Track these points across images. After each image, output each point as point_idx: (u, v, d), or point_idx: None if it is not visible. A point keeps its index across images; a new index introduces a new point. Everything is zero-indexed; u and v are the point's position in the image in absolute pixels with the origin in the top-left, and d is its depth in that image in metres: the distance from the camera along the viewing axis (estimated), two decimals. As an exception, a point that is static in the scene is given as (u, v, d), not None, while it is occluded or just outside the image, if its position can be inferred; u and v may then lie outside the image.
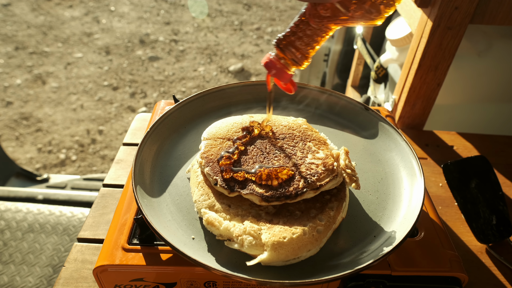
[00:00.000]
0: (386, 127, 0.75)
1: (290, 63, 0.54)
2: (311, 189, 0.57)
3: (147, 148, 0.69)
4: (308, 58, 0.54)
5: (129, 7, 4.17)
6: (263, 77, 3.33)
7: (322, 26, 0.50)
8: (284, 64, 0.55)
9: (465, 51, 1.13)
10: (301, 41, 0.52)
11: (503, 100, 1.22)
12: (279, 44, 0.54)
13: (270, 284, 0.49)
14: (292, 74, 0.56)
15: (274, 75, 0.56)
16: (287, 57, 0.54)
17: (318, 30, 0.51)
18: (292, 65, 0.55)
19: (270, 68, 0.55)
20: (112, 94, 3.04)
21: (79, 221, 1.20)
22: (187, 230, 0.58)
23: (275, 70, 0.55)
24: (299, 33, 0.52)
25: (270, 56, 0.55)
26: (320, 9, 0.48)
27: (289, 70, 0.55)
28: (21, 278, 1.06)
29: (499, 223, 0.77)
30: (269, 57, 0.55)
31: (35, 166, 2.44)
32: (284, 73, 0.55)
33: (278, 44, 0.54)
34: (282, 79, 0.56)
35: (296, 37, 0.52)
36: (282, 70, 0.55)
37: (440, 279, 0.58)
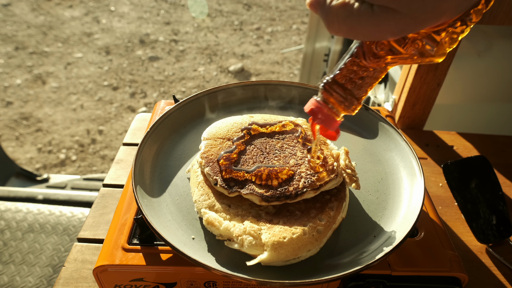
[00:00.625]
0: (386, 127, 0.75)
1: (340, 108, 0.48)
2: (311, 189, 0.57)
3: (147, 148, 0.69)
4: (360, 103, 0.48)
5: (129, 7, 4.17)
6: (263, 77, 3.33)
7: (377, 66, 0.44)
8: (333, 109, 0.48)
9: (465, 51, 1.13)
10: (353, 84, 0.46)
11: (503, 100, 1.23)
12: (328, 88, 0.47)
13: (270, 284, 0.49)
14: (340, 122, 0.50)
15: (321, 122, 0.49)
16: (337, 101, 0.47)
17: (372, 71, 0.45)
18: (342, 111, 0.48)
19: (317, 114, 0.49)
20: (112, 94, 3.04)
21: (79, 221, 1.20)
22: (187, 230, 0.58)
23: (323, 116, 0.49)
24: (350, 75, 0.46)
25: (315, 101, 0.49)
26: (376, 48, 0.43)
27: (338, 117, 0.49)
28: (21, 278, 1.06)
29: (499, 223, 0.77)
30: (315, 102, 0.49)
31: (35, 166, 2.44)
32: (332, 120, 0.49)
33: (326, 88, 0.47)
34: (329, 126, 0.49)
35: (347, 80, 0.46)
36: (330, 117, 0.49)
37: (440, 279, 0.58)
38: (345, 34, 0.38)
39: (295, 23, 4.15)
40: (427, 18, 0.35)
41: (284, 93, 0.83)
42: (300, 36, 3.95)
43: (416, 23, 0.35)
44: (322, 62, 2.17)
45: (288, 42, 3.84)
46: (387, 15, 0.35)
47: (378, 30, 0.36)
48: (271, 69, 3.45)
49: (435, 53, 0.41)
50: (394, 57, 0.43)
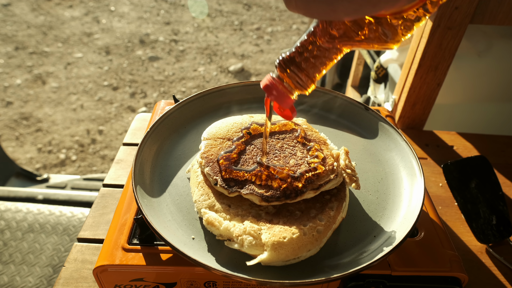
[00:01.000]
0: (386, 127, 0.75)
1: (294, 86, 0.48)
2: (311, 189, 0.57)
3: (147, 148, 0.69)
4: (314, 82, 0.48)
5: (129, 7, 4.17)
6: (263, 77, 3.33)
7: (333, 47, 0.44)
8: (287, 87, 0.48)
9: (465, 51, 1.13)
10: (308, 63, 0.46)
11: (503, 100, 1.23)
12: (283, 65, 0.47)
13: (270, 284, 0.49)
14: (294, 100, 0.50)
15: (275, 99, 0.49)
16: (291, 79, 0.47)
17: (327, 51, 0.45)
18: (296, 89, 0.48)
19: (271, 90, 0.49)
20: (112, 94, 3.04)
21: (79, 221, 1.20)
22: (187, 230, 0.58)
23: (277, 93, 0.48)
24: (305, 53, 0.46)
25: (270, 77, 0.49)
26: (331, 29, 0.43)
27: (292, 95, 0.49)
28: (21, 278, 1.06)
29: (499, 223, 0.77)
30: (270, 79, 0.49)
31: (35, 166, 2.44)
32: (285, 97, 0.49)
33: (281, 65, 0.47)
34: (282, 103, 0.49)
35: (302, 58, 0.46)
36: (284, 94, 0.48)
37: (440, 279, 0.58)
38: (301, 11, 0.39)
39: (295, 23, 4.15)
40: (380, 1, 0.35)
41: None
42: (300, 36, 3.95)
43: (369, 4, 0.36)
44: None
45: (288, 42, 3.84)
46: None
47: (332, 9, 0.37)
48: (271, 69, 3.45)
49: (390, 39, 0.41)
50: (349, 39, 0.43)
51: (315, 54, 0.45)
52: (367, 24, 0.41)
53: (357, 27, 0.41)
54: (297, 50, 0.46)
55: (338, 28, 0.42)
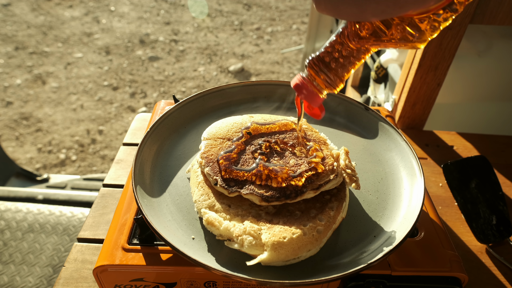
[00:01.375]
0: (386, 127, 0.75)
1: (323, 85, 0.50)
2: (311, 189, 0.57)
3: (147, 148, 0.69)
4: (343, 81, 0.49)
5: (129, 7, 4.17)
6: (263, 77, 3.33)
7: (361, 47, 0.46)
8: (316, 86, 0.50)
9: (465, 51, 1.13)
10: (337, 63, 0.48)
11: (503, 99, 1.23)
12: (313, 65, 0.49)
13: (270, 284, 0.49)
14: (324, 98, 0.52)
15: (305, 97, 0.51)
16: (321, 79, 0.49)
17: (355, 51, 0.47)
18: (326, 88, 0.50)
19: (301, 89, 0.51)
20: (112, 94, 3.04)
21: (79, 221, 1.20)
22: (187, 230, 0.58)
23: (307, 92, 0.50)
24: (335, 53, 0.47)
25: (301, 76, 0.51)
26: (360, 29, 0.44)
27: (321, 94, 0.51)
28: (21, 278, 1.06)
29: (499, 223, 0.77)
30: (300, 78, 0.51)
31: (35, 166, 2.44)
32: (315, 96, 0.51)
33: (311, 65, 0.49)
34: (312, 102, 0.51)
35: (331, 58, 0.48)
36: (313, 93, 0.50)
37: (440, 279, 0.58)
38: (330, 12, 0.40)
39: (295, 23, 4.15)
40: (407, 2, 0.36)
41: (284, 93, 0.83)
42: (300, 36, 3.95)
43: (396, 6, 0.37)
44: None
45: (288, 42, 3.84)
46: None
47: (360, 10, 0.38)
48: (271, 69, 3.45)
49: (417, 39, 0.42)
50: (377, 39, 0.44)
51: (344, 54, 0.47)
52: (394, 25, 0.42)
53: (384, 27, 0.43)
54: (326, 50, 0.48)
55: (366, 28, 0.44)
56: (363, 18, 0.40)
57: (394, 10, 0.37)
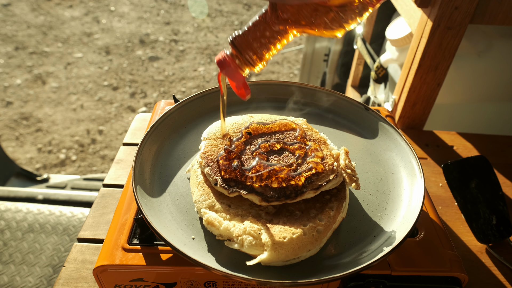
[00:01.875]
0: (386, 127, 0.75)
1: (244, 63, 0.51)
2: (311, 189, 0.57)
3: (147, 148, 0.69)
4: (263, 61, 0.51)
5: (129, 7, 4.17)
6: (263, 77, 3.33)
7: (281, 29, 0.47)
8: (238, 64, 0.51)
9: (465, 51, 1.13)
10: (258, 42, 0.49)
11: (503, 100, 1.23)
12: (234, 42, 0.50)
13: (270, 284, 0.49)
14: (245, 76, 0.53)
15: (226, 73, 0.52)
16: (241, 56, 0.50)
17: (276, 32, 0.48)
18: (246, 66, 0.52)
19: (223, 65, 0.52)
20: (112, 94, 3.04)
21: (79, 221, 1.20)
22: (187, 230, 0.58)
23: (228, 68, 0.52)
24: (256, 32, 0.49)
25: (224, 53, 0.52)
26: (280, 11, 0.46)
27: (243, 71, 0.52)
28: (21, 278, 1.06)
29: (499, 223, 0.77)
30: (224, 54, 0.52)
31: (35, 166, 2.44)
32: (237, 73, 0.52)
33: (233, 42, 0.50)
34: (234, 79, 0.53)
35: (253, 37, 0.49)
36: (235, 70, 0.52)
37: (440, 279, 0.58)
38: None
39: (295, 23, 4.14)
40: None
41: (284, 93, 0.83)
42: (300, 36, 3.95)
43: None
44: (322, 62, 2.17)
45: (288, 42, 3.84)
46: None
47: None
48: (271, 69, 3.45)
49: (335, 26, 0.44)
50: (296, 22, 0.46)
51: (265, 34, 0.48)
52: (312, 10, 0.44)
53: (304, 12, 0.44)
54: (249, 29, 0.49)
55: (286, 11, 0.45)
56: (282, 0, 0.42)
57: None
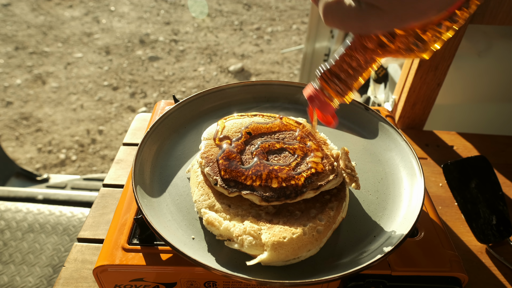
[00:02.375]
0: (386, 127, 0.75)
1: (334, 95, 0.53)
2: (311, 189, 0.57)
3: (147, 148, 0.69)
4: (352, 90, 0.52)
5: (129, 7, 4.17)
6: (263, 77, 3.33)
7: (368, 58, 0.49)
8: (328, 96, 0.53)
9: (465, 51, 1.13)
10: (346, 73, 0.51)
11: (503, 100, 1.23)
12: (324, 76, 0.52)
13: (270, 284, 0.49)
14: (336, 108, 0.55)
15: (318, 107, 0.54)
16: (331, 89, 0.52)
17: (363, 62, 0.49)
18: (336, 97, 0.53)
19: (314, 100, 0.54)
20: (112, 94, 3.04)
21: (79, 221, 1.20)
22: (187, 230, 0.58)
23: (319, 102, 0.54)
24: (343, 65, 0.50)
25: (313, 87, 0.54)
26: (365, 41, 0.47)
27: (333, 103, 0.54)
28: (21, 278, 1.06)
29: (499, 223, 0.77)
30: (313, 89, 0.54)
31: (35, 166, 2.44)
32: (328, 105, 0.54)
33: (322, 76, 0.52)
34: (325, 111, 0.55)
35: (340, 69, 0.51)
36: (326, 103, 0.54)
37: (440, 279, 0.58)
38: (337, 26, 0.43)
39: (295, 23, 4.15)
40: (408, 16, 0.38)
41: (284, 93, 0.83)
42: (300, 36, 3.95)
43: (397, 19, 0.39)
44: (322, 62, 2.17)
45: (288, 42, 3.84)
46: (372, 11, 0.39)
47: (365, 24, 0.41)
48: (271, 69, 3.45)
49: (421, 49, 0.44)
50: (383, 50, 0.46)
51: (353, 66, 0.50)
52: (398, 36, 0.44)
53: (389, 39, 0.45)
54: (336, 62, 0.51)
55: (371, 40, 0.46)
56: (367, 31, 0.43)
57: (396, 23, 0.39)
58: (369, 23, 0.40)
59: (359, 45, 0.48)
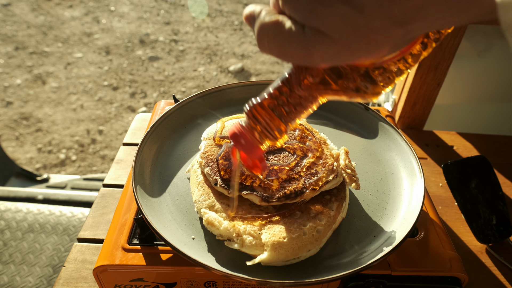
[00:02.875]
0: (386, 127, 0.75)
1: (264, 136, 0.43)
2: (311, 189, 0.57)
3: (147, 148, 0.69)
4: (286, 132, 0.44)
5: (129, 7, 4.17)
6: (263, 77, 3.33)
7: (308, 95, 0.40)
8: (257, 136, 0.44)
9: (465, 51, 1.13)
10: (280, 111, 0.42)
11: (503, 100, 1.23)
12: (253, 112, 0.42)
13: (270, 284, 0.49)
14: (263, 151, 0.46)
15: (242, 148, 0.45)
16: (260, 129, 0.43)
17: (302, 99, 0.41)
18: (266, 139, 0.44)
19: (239, 139, 0.44)
20: (112, 94, 3.04)
21: (79, 221, 1.20)
22: (187, 230, 0.58)
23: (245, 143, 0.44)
24: (277, 101, 0.41)
25: (239, 125, 0.44)
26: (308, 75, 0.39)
27: (261, 145, 0.44)
28: (21, 278, 1.06)
29: (499, 223, 0.77)
30: (239, 127, 0.44)
31: (35, 166, 2.44)
32: (255, 148, 0.44)
33: (251, 112, 0.43)
34: (250, 154, 0.45)
35: (273, 106, 0.42)
36: (253, 144, 0.44)
37: (440, 279, 0.58)
38: (274, 53, 0.36)
39: (295, 23, 4.14)
40: (359, 49, 0.32)
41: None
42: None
43: (347, 51, 0.33)
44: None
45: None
46: (318, 38, 0.32)
47: (308, 54, 0.34)
48: (271, 69, 3.45)
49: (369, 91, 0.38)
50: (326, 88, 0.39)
51: (288, 102, 0.41)
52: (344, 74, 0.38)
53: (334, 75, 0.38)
54: (269, 96, 0.42)
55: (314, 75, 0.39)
56: (310, 63, 0.35)
57: (345, 56, 0.33)
58: (313, 51, 0.33)
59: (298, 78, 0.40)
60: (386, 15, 0.30)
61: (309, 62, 0.35)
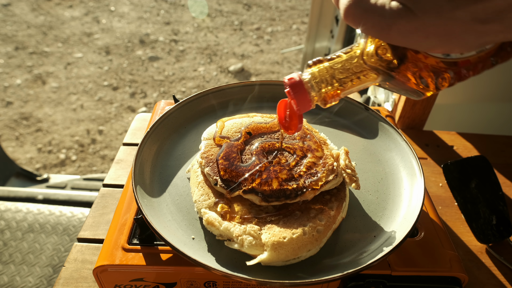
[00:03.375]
0: (386, 127, 0.75)
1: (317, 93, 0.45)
2: (311, 189, 0.57)
3: (147, 148, 0.69)
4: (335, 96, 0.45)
5: (129, 7, 4.17)
6: (263, 77, 3.33)
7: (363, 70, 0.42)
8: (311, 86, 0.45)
9: (465, 51, 1.13)
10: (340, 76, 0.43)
11: (503, 100, 1.22)
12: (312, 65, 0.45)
13: (270, 284, 0.49)
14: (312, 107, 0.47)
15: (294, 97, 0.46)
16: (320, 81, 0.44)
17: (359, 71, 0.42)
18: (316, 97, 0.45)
19: (295, 87, 0.45)
20: (112, 94, 3.04)
21: (79, 221, 1.20)
22: (187, 230, 0.58)
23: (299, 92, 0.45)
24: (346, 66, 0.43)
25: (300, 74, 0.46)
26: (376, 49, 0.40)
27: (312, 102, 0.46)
28: (21, 278, 1.06)
29: (499, 223, 0.77)
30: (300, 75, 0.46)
31: (35, 166, 2.44)
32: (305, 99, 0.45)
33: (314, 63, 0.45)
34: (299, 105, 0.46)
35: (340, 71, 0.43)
36: (305, 96, 0.45)
37: (440, 279, 0.58)
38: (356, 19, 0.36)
39: (295, 23, 4.15)
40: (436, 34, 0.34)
41: (283, 93, 0.83)
42: (300, 36, 3.95)
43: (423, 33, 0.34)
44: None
45: (288, 42, 3.84)
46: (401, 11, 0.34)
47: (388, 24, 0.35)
48: (271, 69, 3.45)
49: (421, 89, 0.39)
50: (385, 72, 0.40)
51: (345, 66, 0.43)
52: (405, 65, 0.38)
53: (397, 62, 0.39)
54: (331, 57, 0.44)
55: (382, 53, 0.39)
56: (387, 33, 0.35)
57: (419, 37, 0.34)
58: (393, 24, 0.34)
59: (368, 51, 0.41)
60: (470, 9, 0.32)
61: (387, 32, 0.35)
